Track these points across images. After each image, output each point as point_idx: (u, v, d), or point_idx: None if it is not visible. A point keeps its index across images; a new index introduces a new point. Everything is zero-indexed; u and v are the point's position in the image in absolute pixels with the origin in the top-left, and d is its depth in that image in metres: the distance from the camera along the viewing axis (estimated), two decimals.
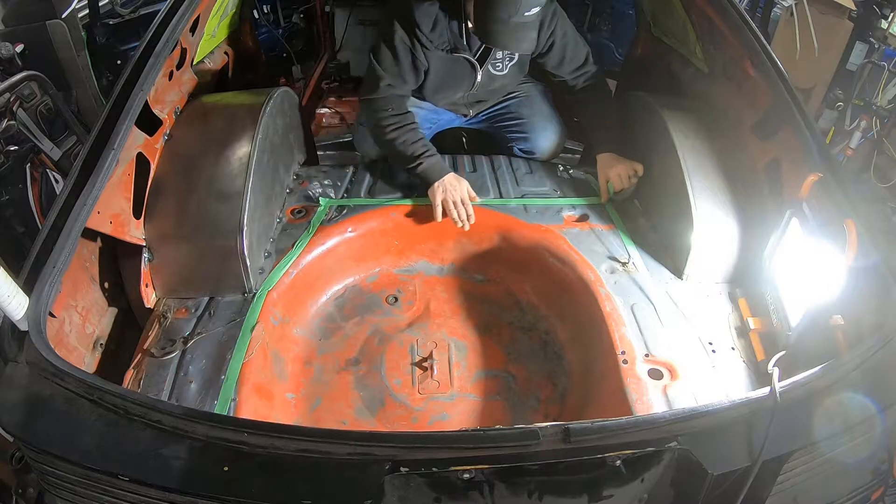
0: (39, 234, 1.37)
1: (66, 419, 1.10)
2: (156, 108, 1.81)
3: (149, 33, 1.81)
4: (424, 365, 1.77)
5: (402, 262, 2.08)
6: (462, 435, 1.12)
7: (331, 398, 1.72)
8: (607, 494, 1.11)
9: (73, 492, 1.13)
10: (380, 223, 2.03)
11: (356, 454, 1.04)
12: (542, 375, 1.79)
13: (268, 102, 1.98)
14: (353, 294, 2.01)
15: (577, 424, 1.06)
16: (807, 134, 1.63)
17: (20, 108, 2.55)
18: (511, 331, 1.91)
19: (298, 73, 3.39)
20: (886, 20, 3.28)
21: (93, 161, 1.48)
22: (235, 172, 1.79)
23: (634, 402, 1.48)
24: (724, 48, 2.00)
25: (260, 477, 1.04)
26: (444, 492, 1.07)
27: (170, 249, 1.73)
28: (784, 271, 1.67)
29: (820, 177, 1.55)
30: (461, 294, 2.01)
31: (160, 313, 1.68)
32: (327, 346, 1.86)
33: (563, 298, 1.89)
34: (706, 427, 1.11)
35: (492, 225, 2.03)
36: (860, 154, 3.30)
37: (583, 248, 1.91)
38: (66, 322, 1.44)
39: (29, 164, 2.58)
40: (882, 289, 1.34)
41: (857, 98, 3.31)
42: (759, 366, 1.60)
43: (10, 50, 2.65)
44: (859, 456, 1.21)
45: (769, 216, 1.72)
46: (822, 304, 1.45)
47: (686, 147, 1.88)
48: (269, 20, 3.47)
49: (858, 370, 1.19)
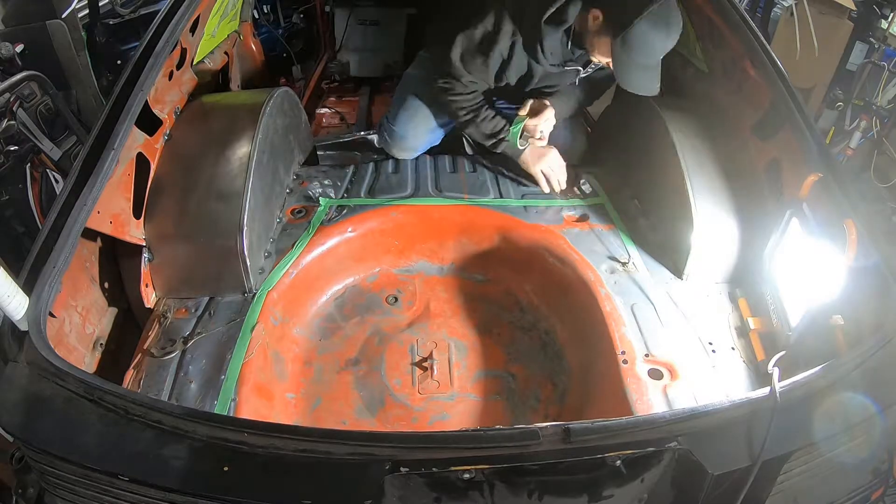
0: (39, 234, 1.37)
1: (66, 419, 1.10)
2: (156, 108, 1.81)
3: (149, 33, 1.81)
4: (424, 365, 1.77)
5: (402, 262, 2.08)
6: (462, 435, 1.12)
7: (331, 398, 1.72)
8: (607, 494, 1.11)
9: (73, 492, 1.13)
10: (380, 223, 2.03)
11: (356, 454, 1.04)
12: (542, 375, 1.79)
13: (268, 102, 1.98)
14: (353, 294, 2.01)
15: (577, 424, 1.06)
16: (807, 134, 1.63)
17: (20, 108, 2.55)
18: (511, 331, 1.91)
19: (298, 73, 3.39)
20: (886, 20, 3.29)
21: (93, 161, 1.48)
22: (235, 172, 1.79)
23: (634, 402, 1.48)
24: (724, 48, 2.00)
25: (260, 477, 1.04)
26: (444, 492, 1.07)
27: (170, 249, 1.73)
28: (784, 271, 1.67)
29: (820, 177, 1.55)
30: (461, 294, 2.01)
31: (160, 313, 1.68)
32: (327, 346, 1.86)
33: (563, 298, 1.89)
34: (706, 427, 1.11)
35: (492, 225, 2.03)
36: (860, 154, 3.30)
37: (583, 248, 1.91)
38: (66, 322, 1.44)
39: (29, 164, 2.58)
40: (882, 289, 1.34)
41: (857, 98, 3.31)
42: (759, 366, 1.60)
43: (10, 50, 2.65)
44: (859, 456, 1.21)
45: (769, 216, 1.72)
46: (822, 304, 1.45)
47: (686, 147, 1.88)
48: (269, 20, 3.47)
49: (858, 370, 1.19)
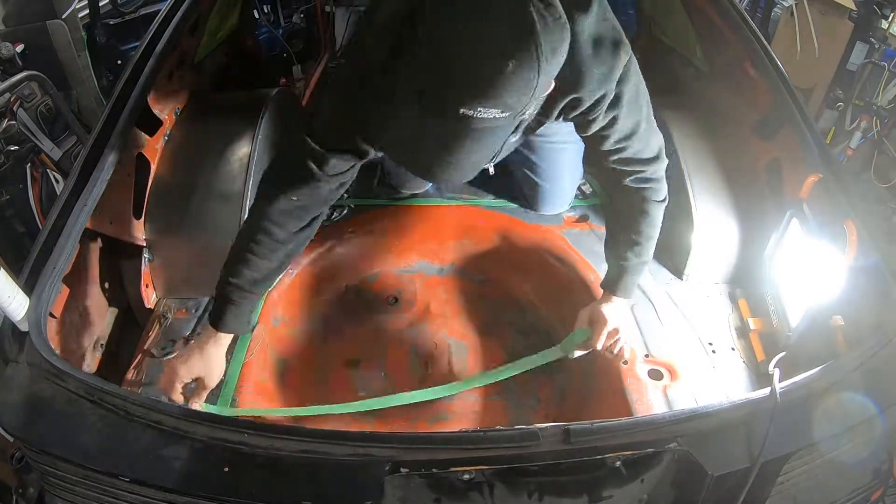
0: (39, 234, 1.37)
1: (66, 420, 1.10)
2: (156, 108, 1.81)
3: (149, 33, 1.81)
4: (424, 365, 1.77)
5: (402, 262, 2.08)
6: (462, 435, 1.12)
7: (331, 399, 1.72)
8: (607, 495, 1.11)
9: (73, 492, 1.13)
10: (380, 223, 2.03)
11: (356, 454, 1.04)
12: (542, 375, 1.79)
13: (268, 102, 1.98)
14: (353, 294, 2.01)
15: (577, 425, 1.06)
16: (807, 134, 1.63)
17: (20, 108, 2.55)
18: (511, 331, 1.91)
19: (299, 73, 3.39)
20: (886, 20, 3.27)
21: (93, 161, 1.48)
22: (235, 172, 1.79)
23: (634, 403, 1.48)
24: (724, 48, 2.00)
25: (260, 477, 1.04)
26: (444, 492, 1.07)
27: (170, 250, 1.73)
28: (784, 271, 1.67)
29: (820, 177, 1.55)
30: (461, 294, 2.01)
31: (160, 313, 1.69)
32: (327, 346, 1.86)
33: (563, 299, 1.89)
34: (706, 428, 1.11)
35: (492, 226, 2.03)
36: (860, 154, 3.29)
37: (583, 248, 1.91)
38: (67, 322, 1.44)
39: (29, 164, 2.57)
40: (882, 289, 1.34)
41: (857, 98, 3.30)
42: (760, 366, 1.60)
43: (11, 50, 2.64)
44: (859, 456, 1.21)
45: (769, 216, 1.72)
46: (822, 304, 1.45)
47: (686, 147, 1.87)
48: (269, 20, 3.46)
49: (858, 371, 1.19)
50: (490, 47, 0.90)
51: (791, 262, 1.65)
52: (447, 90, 0.92)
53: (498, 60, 0.89)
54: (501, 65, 0.89)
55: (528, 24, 0.90)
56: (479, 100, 0.91)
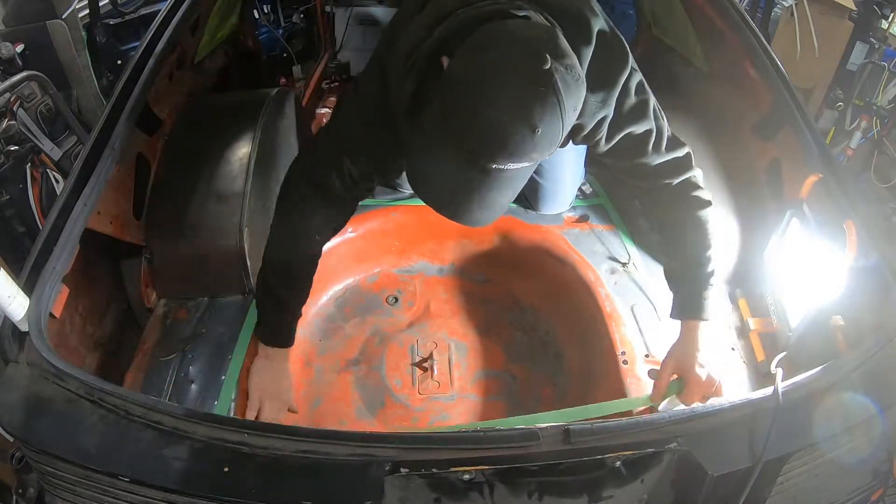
0: (39, 234, 1.37)
1: (66, 420, 1.10)
2: (156, 108, 1.81)
3: (149, 33, 1.81)
4: (425, 365, 1.77)
5: (402, 262, 2.08)
6: (462, 435, 1.13)
7: (331, 398, 1.72)
8: (607, 495, 1.11)
9: (73, 492, 1.13)
10: (380, 223, 2.03)
11: (356, 455, 1.04)
12: (542, 375, 1.79)
13: (268, 102, 1.97)
14: (353, 294, 2.01)
15: (577, 425, 1.06)
16: (807, 134, 1.63)
17: (20, 108, 2.55)
18: (511, 331, 1.91)
19: (299, 73, 3.39)
20: (886, 20, 3.28)
21: (93, 161, 1.48)
22: (235, 172, 1.78)
23: None
24: (724, 48, 1.99)
25: (260, 477, 1.04)
26: (444, 492, 1.07)
27: (170, 250, 1.73)
28: (784, 272, 1.67)
29: (820, 177, 1.55)
30: (461, 294, 2.01)
31: (160, 314, 1.68)
32: (327, 346, 1.86)
33: (563, 299, 1.89)
34: (706, 428, 1.11)
35: (492, 225, 2.02)
36: (860, 154, 3.30)
37: (583, 248, 1.91)
38: (67, 323, 1.44)
39: (29, 164, 2.58)
40: (882, 289, 1.34)
41: (857, 98, 3.30)
42: (760, 366, 1.60)
43: (11, 50, 2.65)
44: (859, 456, 1.20)
45: (769, 216, 1.72)
46: (822, 304, 1.45)
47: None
48: (269, 20, 3.47)
49: (859, 371, 1.19)
50: (518, 112, 0.95)
51: (791, 263, 1.65)
52: (479, 148, 0.98)
53: (526, 127, 0.95)
54: (530, 130, 0.95)
55: (553, 90, 0.95)
56: (511, 158, 0.98)
